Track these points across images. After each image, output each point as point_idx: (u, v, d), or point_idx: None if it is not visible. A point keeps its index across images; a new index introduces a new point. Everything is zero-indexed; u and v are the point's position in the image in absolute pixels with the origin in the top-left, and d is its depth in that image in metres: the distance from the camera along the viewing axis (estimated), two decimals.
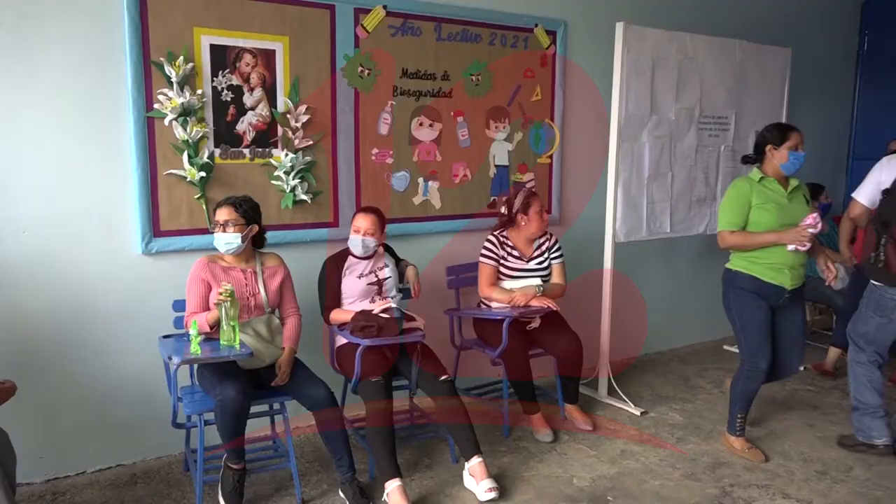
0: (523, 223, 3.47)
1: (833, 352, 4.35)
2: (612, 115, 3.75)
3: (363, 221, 3.08)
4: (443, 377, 2.97)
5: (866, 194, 3.51)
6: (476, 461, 2.90)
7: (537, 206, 3.47)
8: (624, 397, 3.88)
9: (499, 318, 3.31)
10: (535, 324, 3.48)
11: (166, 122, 2.98)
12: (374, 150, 3.54)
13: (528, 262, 3.51)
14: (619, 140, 3.76)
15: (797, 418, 3.73)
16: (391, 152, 3.59)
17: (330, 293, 3.10)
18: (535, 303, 3.36)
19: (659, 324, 4.80)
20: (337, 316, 3.07)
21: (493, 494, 2.82)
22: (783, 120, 4.54)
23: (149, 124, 2.97)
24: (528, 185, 4.03)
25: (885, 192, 3.26)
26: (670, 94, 3.99)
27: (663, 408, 3.87)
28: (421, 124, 3.67)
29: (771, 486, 3.01)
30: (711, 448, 3.37)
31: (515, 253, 3.51)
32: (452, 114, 3.75)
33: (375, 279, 3.12)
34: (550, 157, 4.13)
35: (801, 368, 4.26)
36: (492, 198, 3.94)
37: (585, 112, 4.22)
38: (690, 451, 3.33)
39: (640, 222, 3.97)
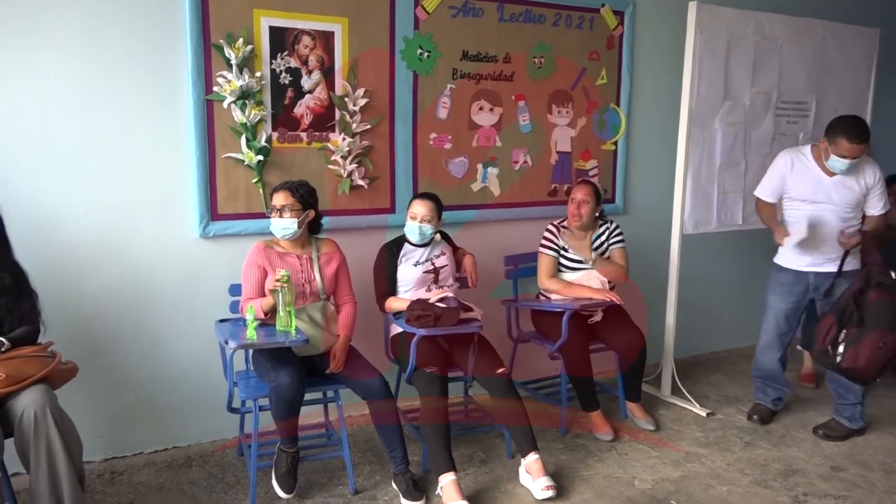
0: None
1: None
2: (683, 100, 3.65)
3: (420, 208, 3.06)
4: (499, 371, 2.95)
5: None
6: (533, 458, 2.86)
7: (574, 193, 3.44)
8: (689, 397, 3.79)
9: (558, 310, 3.26)
10: (597, 317, 3.43)
11: (225, 104, 3.02)
12: (433, 135, 3.53)
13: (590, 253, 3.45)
14: (690, 126, 3.67)
15: (877, 426, 3.57)
16: (449, 137, 3.57)
17: (385, 281, 3.10)
18: (597, 295, 3.30)
19: (727, 320, 4.69)
20: (393, 304, 3.07)
21: (550, 493, 2.78)
22: (869, 107, 4.35)
23: (208, 107, 3.02)
24: (590, 174, 3.97)
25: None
26: (745, 78, 3.87)
27: (731, 409, 3.77)
28: (481, 108, 3.63)
29: (849, 497, 2.89)
30: (783, 454, 3.26)
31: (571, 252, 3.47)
32: (513, 98, 3.71)
33: (432, 267, 3.11)
34: (615, 143, 4.06)
35: None
36: (552, 185, 3.89)
37: (654, 96, 4.12)
38: (760, 457, 3.23)
39: (710, 213, 3.87)
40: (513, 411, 2.92)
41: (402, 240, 3.15)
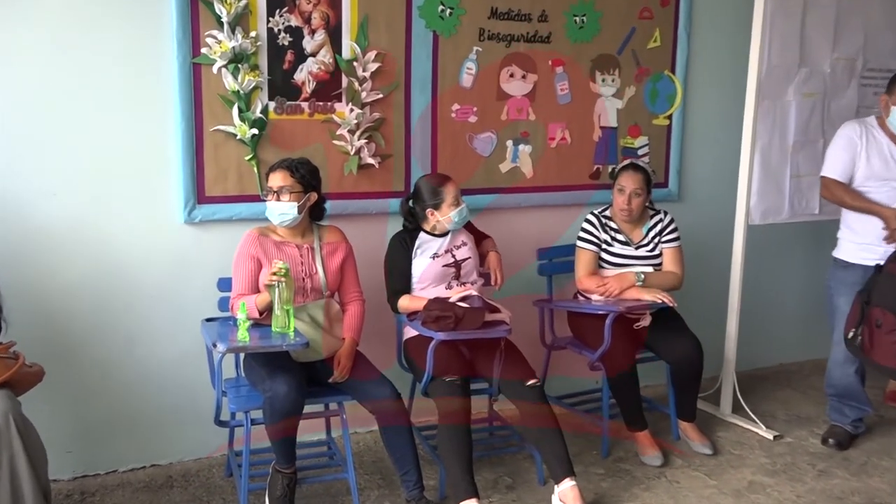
0: (612, 196, 3.44)
1: None
2: (751, 67, 3.61)
3: (454, 190, 3.07)
4: (530, 382, 2.94)
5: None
6: (568, 485, 2.86)
7: (620, 182, 3.40)
8: (753, 416, 3.77)
9: (600, 312, 3.25)
10: (645, 322, 3.41)
11: (214, 69, 3.04)
12: (455, 106, 3.52)
13: (636, 248, 3.44)
14: (758, 97, 3.63)
15: None
16: (475, 109, 3.56)
17: (398, 276, 3.10)
18: (647, 296, 3.29)
19: (799, 327, 4.66)
20: (407, 303, 3.07)
21: None
22: None
23: (195, 72, 3.03)
24: (639, 153, 3.95)
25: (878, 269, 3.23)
26: (825, 42, 3.83)
27: (803, 432, 3.74)
28: (512, 75, 3.62)
29: None
30: (864, 485, 3.23)
31: (620, 237, 3.44)
32: (550, 63, 3.69)
33: (452, 260, 3.11)
34: (669, 117, 4.04)
35: None
36: (595, 166, 3.88)
37: (715, 62, 4.10)
38: (837, 488, 3.20)
39: (782, 200, 3.84)
40: (544, 423, 2.91)
41: (414, 229, 3.15)
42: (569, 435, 2.97)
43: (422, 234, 3.13)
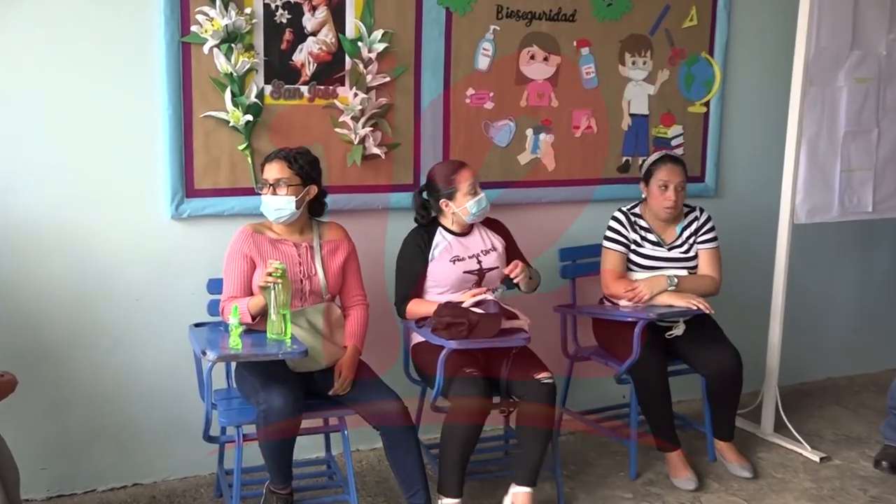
0: (644, 195, 3.45)
1: None
2: (797, 49, 3.61)
3: (469, 176, 3.06)
4: (540, 376, 2.93)
5: None
6: (525, 490, 2.90)
7: (662, 177, 3.37)
8: (797, 436, 3.75)
9: (629, 319, 3.24)
10: (679, 331, 3.40)
11: (205, 49, 3.03)
12: (470, 91, 3.52)
13: (668, 248, 3.43)
14: (806, 83, 3.62)
15: None
16: (491, 94, 3.56)
17: (409, 280, 3.10)
18: (680, 302, 3.26)
19: (848, 338, 4.65)
20: (416, 308, 3.06)
21: None
22: None
23: (184, 52, 3.03)
24: (672, 144, 3.94)
25: None
26: (881, 21, 3.81)
27: (852, 453, 3.73)
28: (532, 57, 3.61)
29: None
30: None
31: (652, 237, 3.43)
32: (575, 44, 3.69)
33: (477, 268, 3.08)
34: (707, 104, 4.03)
35: None
36: (624, 158, 3.87)
37: (758, 44, 4.09)
38: None
39: (831, 197, 3.83)
40: (538, 421, 2.90)
41: (430, 226, 3.13)
42: (593, 455, 2.95)
43: (441, 232, 3.12)
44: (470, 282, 3.09)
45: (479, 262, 3.11)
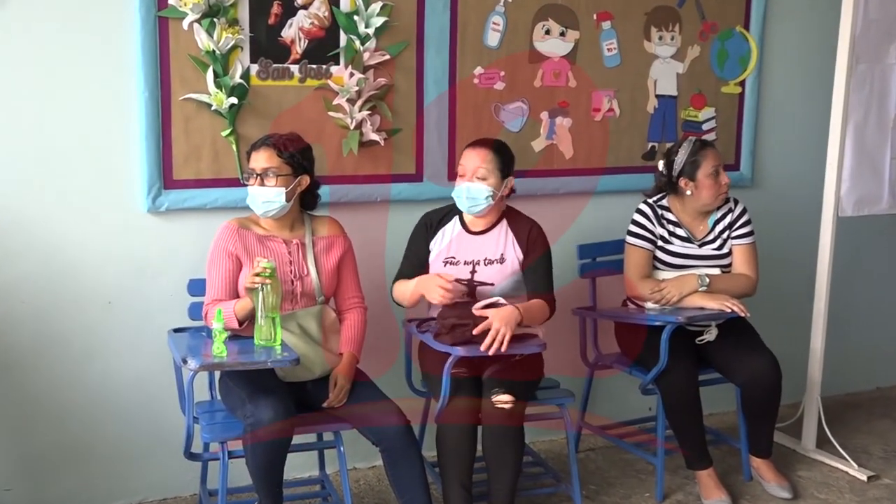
0: (689, 191, 3.40)
1: None
2: (843, 23, 3.61)
3: (472, 159, 3.03)
4: (498, 399, 2.82)
5: None
6: None
7: (711, 164, 3.37)
8: (842, 452, 3.76)
9: (655, 324, 3.26)
10: (710, 336, 3.41)
11: (185, 24, 3.04)
12: (478, 70, 3.54)
13: (699, 245, 3.45)
14: (852, 61, 3.62)
15: None
16: (502, 74, 3.57)
17: (408, 260, 3.13)
18: (712, 304, 3.29)
19: None
20: (397, 289, 3.09)
21: None
22: None
23: (161, 28, 3.04)
24: (704, 128, 3.94)
25: None
26: None
27: None
28: (548, 32, 3.63)
29: None
30: None
31: (681, 232, 3.44)
32: (595, 17, 3.70)
33: (467, 278, 3.05)
34: (742, 84, 4.04)
35: None
36: (650, 144, 3.88)
37: (799, 16, 4.09)
38: None
39: (880, 187, 3.83)
40: (502, 418, 2.86)
41: (449, 212, 3.16)
42: (616, 473, 2.97)
43: (455, 222, 3.14)
44: (458, 291, 2.98)
45: (473, 272, 3.09)
